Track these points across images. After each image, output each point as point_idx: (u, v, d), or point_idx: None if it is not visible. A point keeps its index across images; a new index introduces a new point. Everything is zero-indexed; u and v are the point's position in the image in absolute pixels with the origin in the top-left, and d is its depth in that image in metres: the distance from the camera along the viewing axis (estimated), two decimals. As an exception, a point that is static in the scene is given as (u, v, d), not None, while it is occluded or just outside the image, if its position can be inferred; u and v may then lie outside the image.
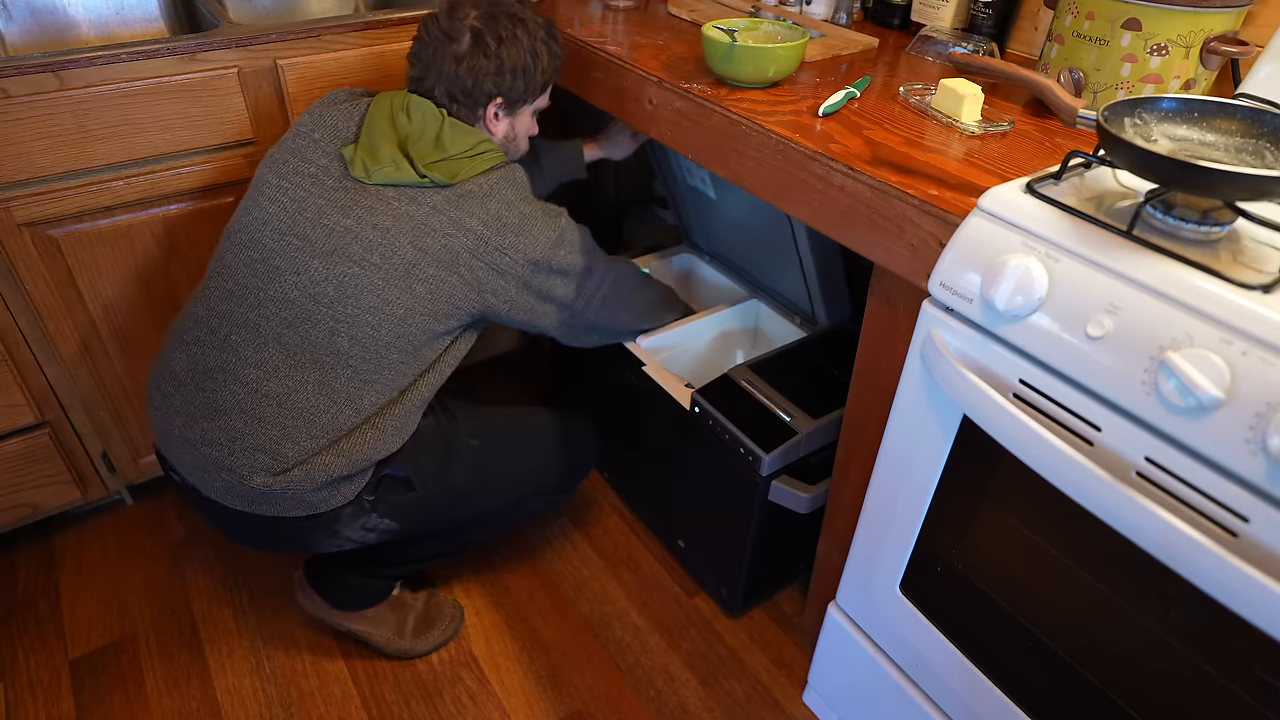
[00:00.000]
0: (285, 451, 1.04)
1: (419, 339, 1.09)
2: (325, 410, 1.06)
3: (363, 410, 1.08)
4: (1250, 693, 0.70)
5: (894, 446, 0.96)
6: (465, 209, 1.08)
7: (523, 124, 1.22)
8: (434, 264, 1.07)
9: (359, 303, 1.05)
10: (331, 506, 1.09)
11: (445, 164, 1.08)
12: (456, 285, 1.09)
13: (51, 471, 1.41)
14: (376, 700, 1.30)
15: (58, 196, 1.20)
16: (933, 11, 1.29)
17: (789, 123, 1.01)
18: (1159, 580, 0.72)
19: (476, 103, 1.13)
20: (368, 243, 1.05)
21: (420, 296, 1.07)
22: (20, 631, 1.39)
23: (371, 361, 1.07)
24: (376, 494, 1.13)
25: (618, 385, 1.47)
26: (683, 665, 1.37)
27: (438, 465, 1.17)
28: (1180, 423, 0.66)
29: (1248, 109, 0.76)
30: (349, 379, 1.07)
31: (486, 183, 1.10)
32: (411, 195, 1.07)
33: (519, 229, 1.11)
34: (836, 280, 1.40)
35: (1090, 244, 0.72)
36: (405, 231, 1.06)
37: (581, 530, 1.60)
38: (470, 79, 1.11)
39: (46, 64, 1.12)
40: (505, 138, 1.20)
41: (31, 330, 1.28)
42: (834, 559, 1.20)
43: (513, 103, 1.16)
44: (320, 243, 1.05)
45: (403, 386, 1.12)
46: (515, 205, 1.11)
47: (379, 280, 1.05)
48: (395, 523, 1.17)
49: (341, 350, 1.06)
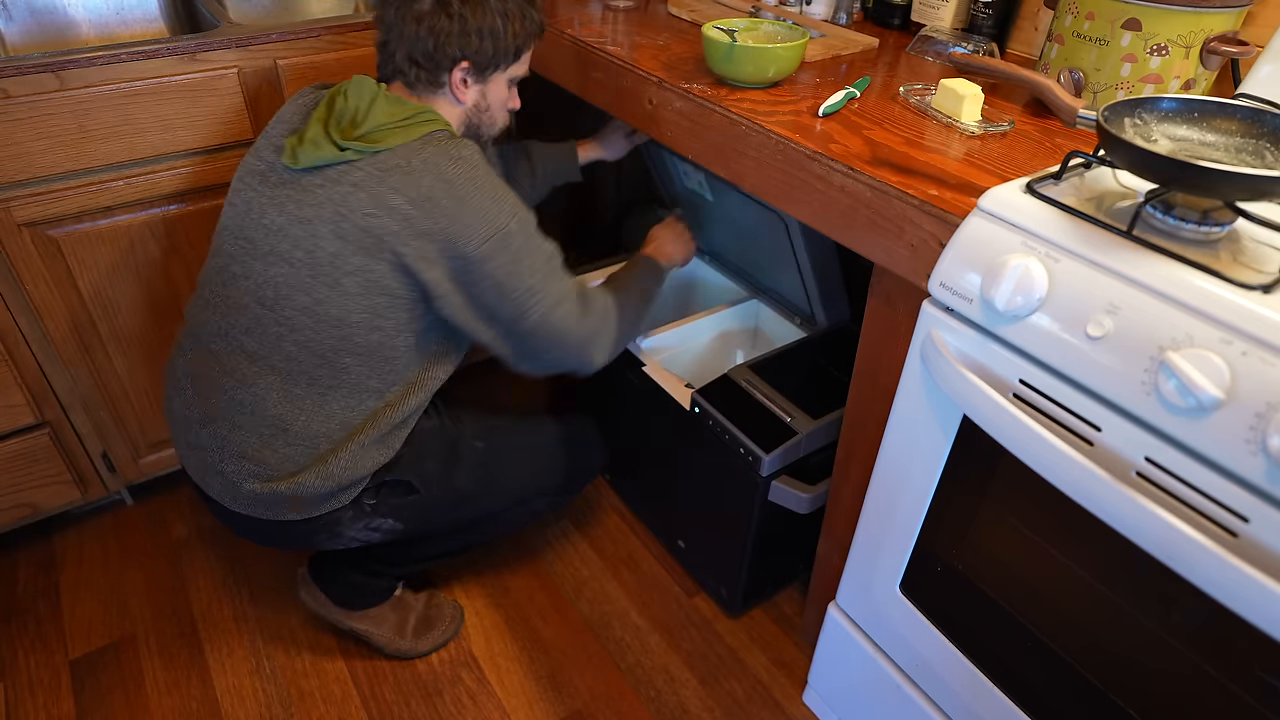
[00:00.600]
0: (267, 459, 1.05)
1: (372, 343, 1.03)
2: (294, 418, 1.05)
3: (334, 417, 1.06)
4: (1250, 693, 0.70)
5: (894, 446, 0.96)
6: (389, 184, 0.96)
7: (496, 93, 1.11)
8: (356, 251, 0.98)
9: (294, 304, 1.01)
10: (327, 511, 1.09)
11: (370, 134, 0.99)
12: (386, 275, 0.99)
13: (51, 471, 1.41)
14: (376, 700, 1.30)
15: (58, 196, 1.20)
16: (933, 11, 1.29)
17: (789, 123, 1.01)
18: (1159, 580, 0.72)
19: (440, 67, 1.03)
20: (294, 239, 0.99)
21: (350, 293, 1.00)
22: (20, 631, 1.39)
23: (324, 367, 1.04)
24: (378, 498, 1.13)
25: (618, 385, 1.47)
26: (683, 665, 1.37)
27: (442, 468, 1.17)
28: (1180, 423, 0.66)
29: (1248, 109, 0.76)
30: (307, 385, 1.04)
31: (418, 154, 0.98)
32: (334, 175, 0.98)
33: (453, 215, 0.98)
34: (834, 282, 1.40)
35: (1090, 244, 0.72)
36: (326, 219, 0.98)
37: (581, 531, 1.60)
38: (431, 40, 1.01)
39: (46, 64, 1.12)
40: (475, 107, 1.10)
41: (31, 330, 1.28)
42: (834, 559, 1.20)
43: (482, 67, 1.06)
44: (260, 243, 1.02)
45: (380, 396, 1.08)
46: (453, 185, 0.98)
47: (308, 278, 1.00)
48: (399, 523, 1.17)
49: (292, 356, 1.03)
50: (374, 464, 1.09)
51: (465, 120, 1.11)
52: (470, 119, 1.12)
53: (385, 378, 1.07)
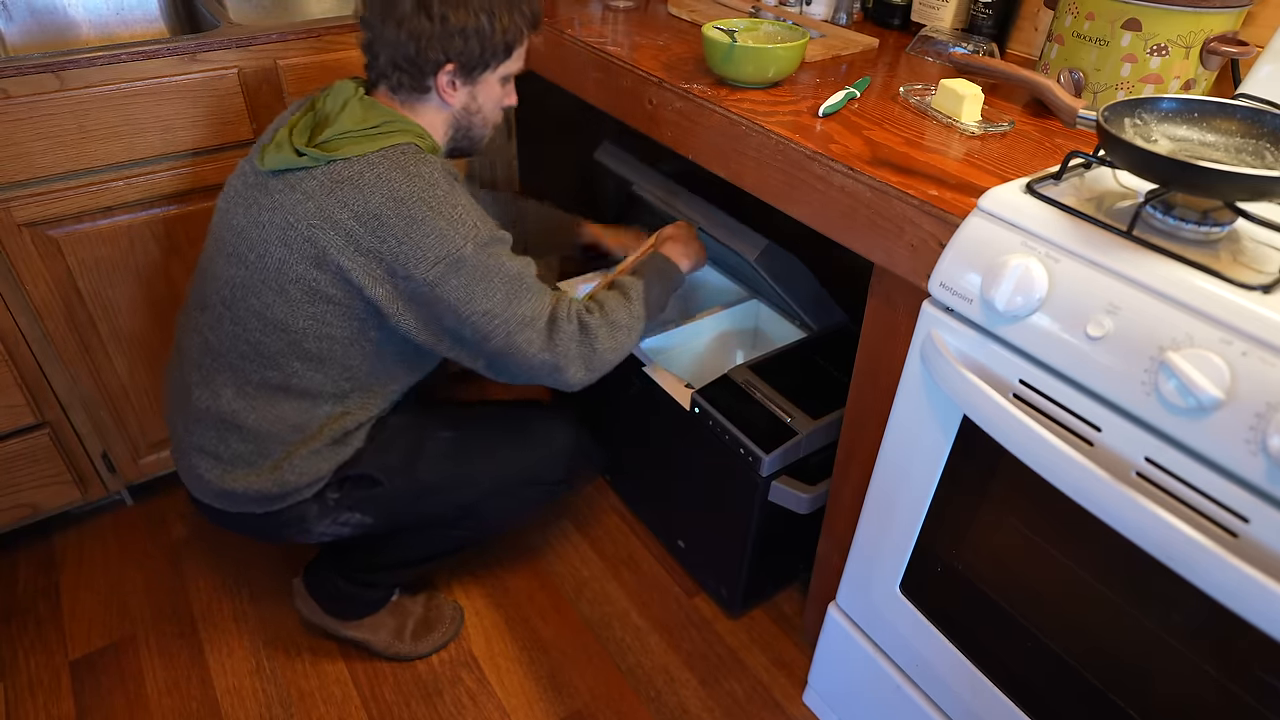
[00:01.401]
0: (222, 454, 1.07)
1: (322, 351, 1.02)
2: (246, 416, 1.05)
3: (286, 419, 1.06)
4: (1250, 693, 0.70)
5: (894, 447, 0.96)
6: (337, 197, 0.95)
7: (488, 93, 1.07)
8: (300, 260, 0.97)
9: (246, 305, 1.01)
10: (288, 505, 1.09)
11: (330, 142, 0.96)
12: (331, 286, 0.98)
13: (51, 472, 1.41)
14: (376, 700, 1.30)
15: (58, 197, 1.20)
16: (933, 12, 1.29)
17: (789, 123, 1.01)
18: (1159, 581, 0.72)
19: (423, 71, 1.00)
20: (250, 241, 0.99)
21: (295, 300, 0.99)
22: (20, 632, 1.39)
23: (274, 370, 1.03)
24: (341, 492, 1.12)
25: (618, 385, 1.47)
26: (683, 665, 1.37)
27: (404, 460, 1.15)
28: (1180, 423, 0.66)
29: (1248, 109, 0.76)
30: (259, 386, 1.05)
31: (371, 168, 0.95)
32: (292, 181, 0.97)
33: (402, 234, 0.94)
34: (818, 295, 1.40)
35: (1090, 244, 0.72)
36: (276, 225, 0.97)
37: (581, 531, 1.60)
38: (413, 45, 0.97)
39: (47, 64, 1.12)
40: (465, 109, 1.06)
41: (31, 330, 1.28)
42: (834, 559, 1.20)
43: (469, 68, 1.02)
44: (226, 243, 1.03)
45: (338, 402, 1.07)
46: (404, 204, 0.94)
47: (258, 281, 0.99)
48: (367, 516, 1.16)
49: (245, 355, 1.04)
50: (330, 465, 1.09)
51: (454, 123, 1.08)
52: (459, 121, 1.08)
53: (341, 385, 1.07)
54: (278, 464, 1.06)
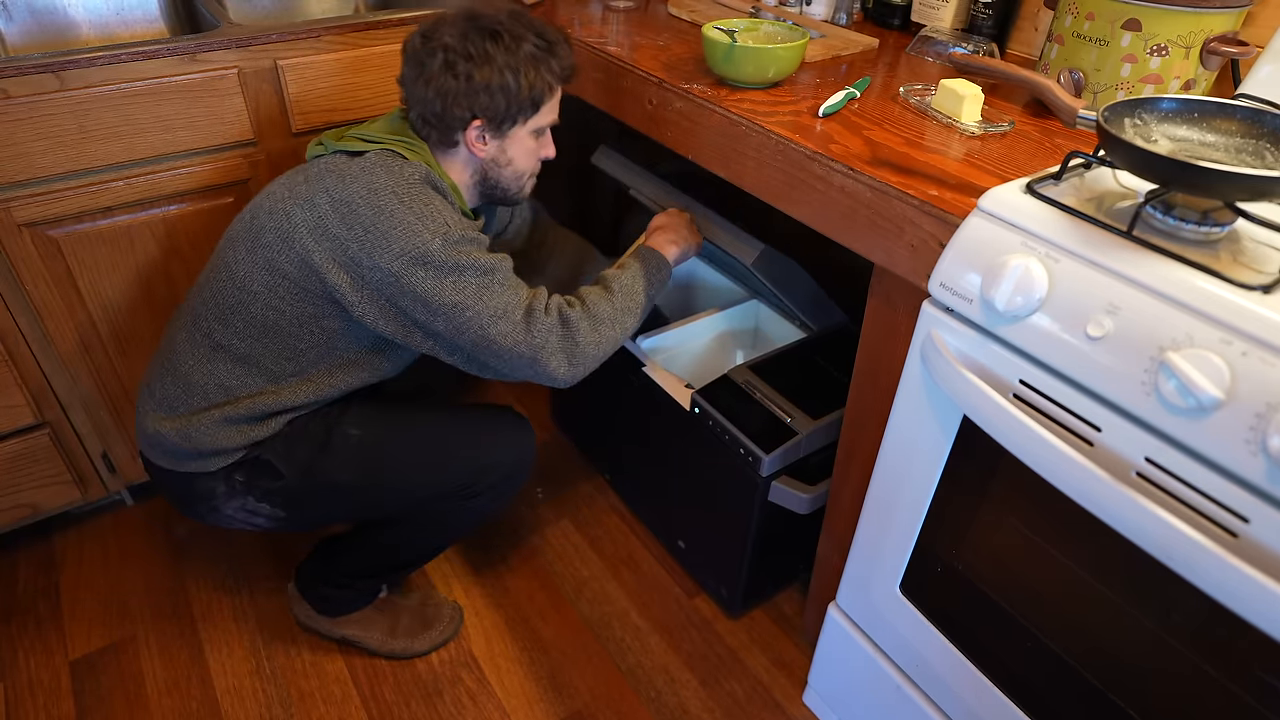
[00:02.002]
0: (155, 391, 1.11)
1: (268, 321, 1.04)
2: (183, 361, 1.09)
3: (215, 376, 1.07)
4: (1250, 693, 0.70)
5: (894, 447, 0.96)
6: (323, 184, 1.01)
7: (519, 146, 1.09)
8: (273, 232, 1.02)
9: (222, 257, 1.08)
10: (192, 471, 1.10)
11: (349, 139, 1.05)
12: (292, 264, 1.01)
13: (51, 472, 1.41)
14: (376, 700, 1.30)
15: (58, 197, 1.20)
16: (933, 12, 1.29)
17: (789, 123, 1.01)
18: (1159, 581, 0.72)
19: (450, 127, 1.04)
20: (255, 204, 1.07)
21: (258, 264, 1.03)
22: (20, 632, 1.39)
23: (219, 323, 1.07)
24: (247, 476, 1.11)
25: (618, 386, 1.47)
26: (683, 666, 1.37)
27: (312, 455, 1.11)
28: (1180, 423, 0.66)
29: (1247, 109, 0.76)
30: (204, 336, 1.08)
31: (359, 162, 1.01)
32: (306, 165, 1.06)
33: (369, 224, 0.97)
34: (819, 300, 1.40)
35: (1090, 244, 0.72)
36: (275, 195, 1.05)
37: (581, 531, 1.60)
38: (439, 102, 1.01)
39: (47, 64, 1.12)
40: (494, 161, 1.09)
41: (31, 330, 1.28)
42: (834, 559, 1.20)
43: (497, 122, 1.05)
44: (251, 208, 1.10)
45: (272, 379, 1.08)
46: (376, 194, 0.98)
47: (240, 235, 1.06)
48: (278, 509, 1.13)
49: (204, 301, 1.09)
50: (240, 442, 1.08)
51: (482, 173, 1.11)
52: (488, 172, 1.11)
53: (281, 364, 1.08)
54: (190, 417, 1.07)
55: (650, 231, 1.29)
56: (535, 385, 1.92)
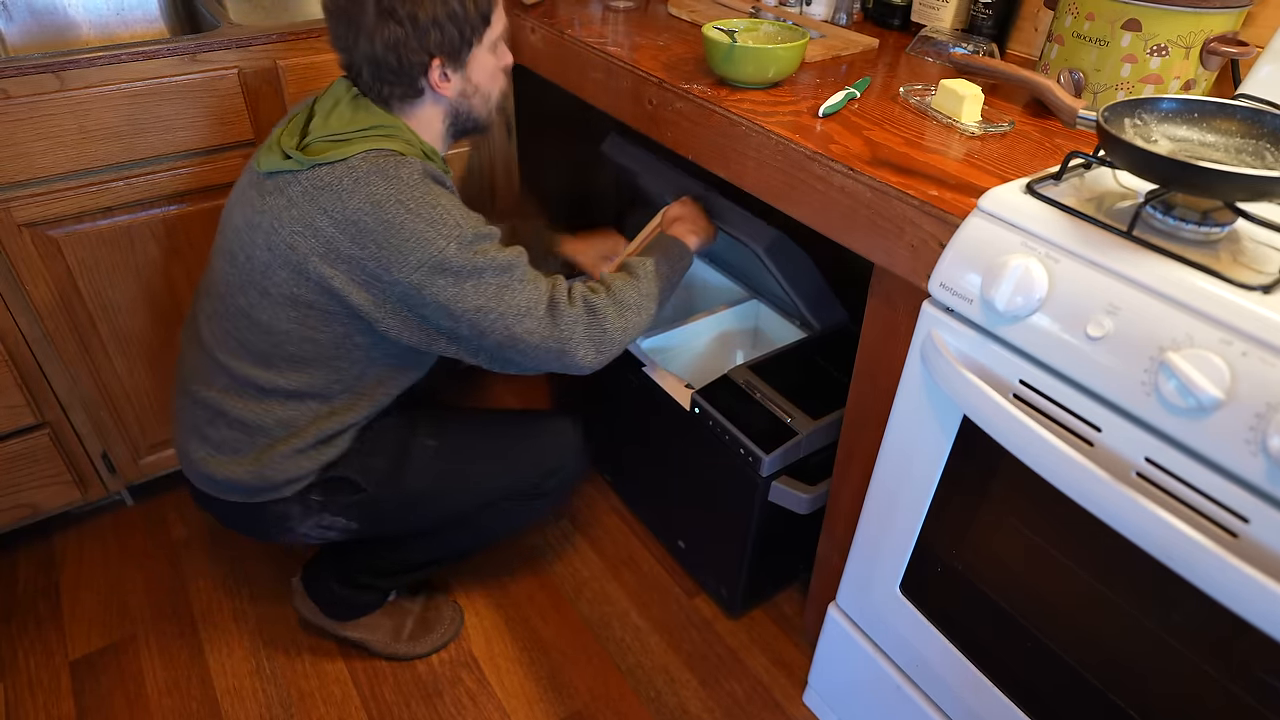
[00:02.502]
0: (210, 436, 1.09)
1: (306, 354, 1.02)
2: (233, 405, 1.06)
3: (272, 413, 1.05)
4: (1251, 694, 0.70)
5: (894, 447, 0.96)
6: (318, 204, 0.93)
7: (481, 70, 1.03)
8: (283, 266, 0.96)
9: (234, 303, 1.02)
10: (269, 500, 1.10)
11: (316, 145, 0.95)
12: (312, 292, 0.97)
13: (51, 472, 1.41)
14: (376, 701, 1.30)
15: (58, 197, 1.20)
16: (933, 12, 1.29)
17: (789, 123, 1.01)
18: (1159, 581, 0.72)
19: (411, 76, 0.97)
20: (241, 242, 1.00)
21: (278, 303, 0.98)
22: (20, 632, 1.39)
23: (260, 368, 1.03)
24: (325, 495, 1.12)
25: (618, 386, 1.47)
26: (683, 666, 1.37)
27: (390, 466, 1.14)
28: (1180, 423, 0.66)
29: (1247, 109, 0.76)
30: (245, 383, 1.05)
31: (351, 173, 0.93)
32: (280, 184, 0.96)
33: (381, 240, 0.93)
34: (821, 293, 1.40)
35: (1090, 244, 0.72)
36: (263, 229, 0.97)
37: (581, 531, 1.60)
38: (392, 55, 0.94)
39: (47, 64, 1.12)
40: (462, 94, 1.03)
41: (31, 330, 1.28)
42: (834, 559, 1.20)
43: (455, 53, 0.98)
44: (227, 240, 1.04)
45: (325, 402, 1.07)
46: (382, 207, 0.92)
47: (245, 281, 1.00)
48: (353, 522, 1.15)
49: (234, 352, 1.05)
50: (314, 465, 1.09)
51: (454, 110, 1.05)
52: (458, 109, 1.05)
53: (330, 386, 1.06)
54: (259, 456, 1.07)
55: (669, 222, 1.29)
56: (536, 387, 1.93)
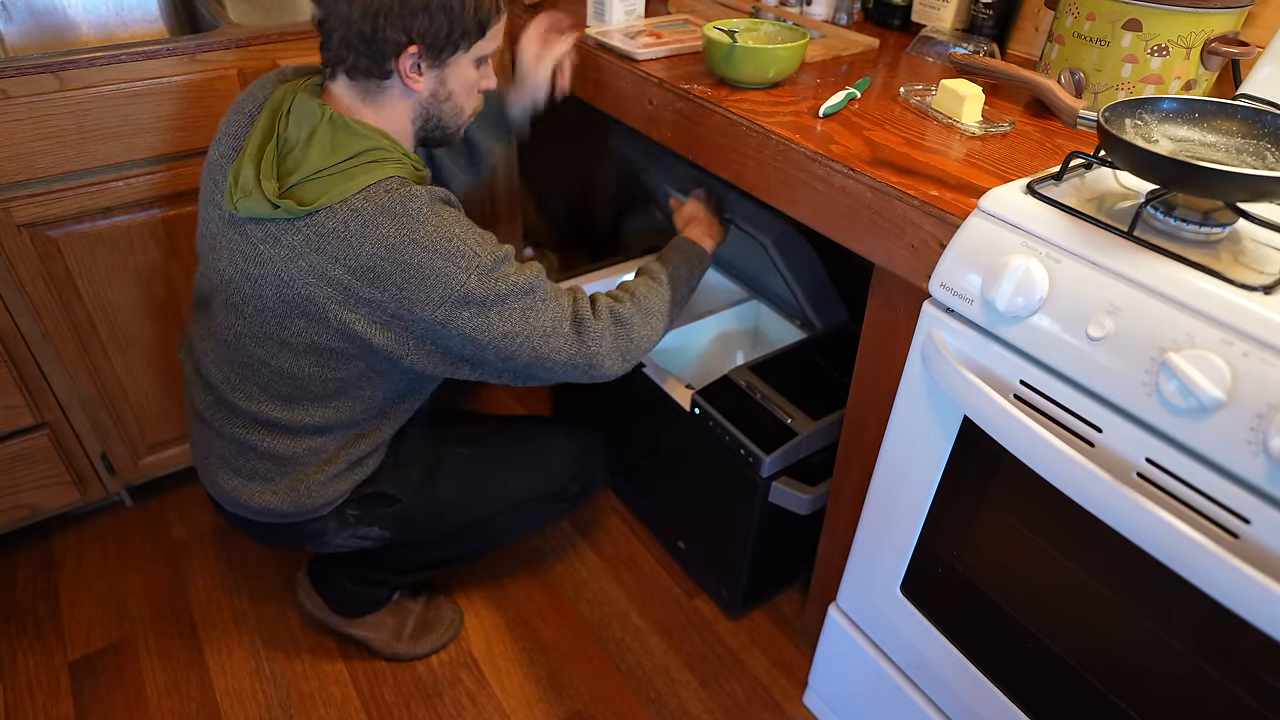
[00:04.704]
0: (241, 466, 1.07)
1: (330, 391, 1.01)
2: (259, 441, 1.05)
3: (301, 443, 1.05)
4: (1252, 694, 0.69)
5: (894, 447, 0.96)
6: (326, 253, 0.87)
7: (460, 78, 0.96)
8: (301, 317, 0.92)
9: (249, 353, 0.99)
10: (306, 520, 1.10)
11: (304, 186, 0.87)
12: (335, 338, 0.94)
13: (51, 472, 1.41)
14: (376, 702, 1.30)
15: (57, 197, 1.20)
16: (933, 12, 1.29)
17: (789, 123, 1.01)
18: (1160, 581, 0.72)
19: (382, 54, 0.88)
20: (244, 294, 0.94)
21: (299, 351, 0.95)
22: (19, 633, 1.38)
23: (283, 410, 1.02)
24: (361, 509, 1.13)
25: (618, 386, 1.47)
26: (683, 667, 1.37)
27: (425, 476, 1.16)
28: (1181, 424, 0.66)
29: (1248, 110, 0.76)
30: (269, 420, 1.04)
31: (357, 217, 0.87)
32: (274, 233, 0.89)
33: (401, 281, 0.88)
34: (825, 290, 1.40)
35: (1091, 245, 0.72)
36: (269, 280, 0.91)
37: (581, 532, 1.60)
38: (369, 22, 0.85)
39: (46, 64, 1.12)
40: (433, 96, 0.95)
41: (31, 331, 1.28)
42: (834, 560, 1.20)
43: (436, 49, 0.90)
44: (219, 288, 0.98)
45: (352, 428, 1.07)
46: (397, 250, 0.87)
47: (259, 333, 0.96)
48: (387, 530, 1.17)
49: (254, 396, 1.03)
50: (348, 486, 1.10)
51: (421, 112, 0.97)
52: (428, 110, 0.97)
53: (355, 414, 1.06)
54: (294, 484, 1.06)
55: (683, 223, 1.28)
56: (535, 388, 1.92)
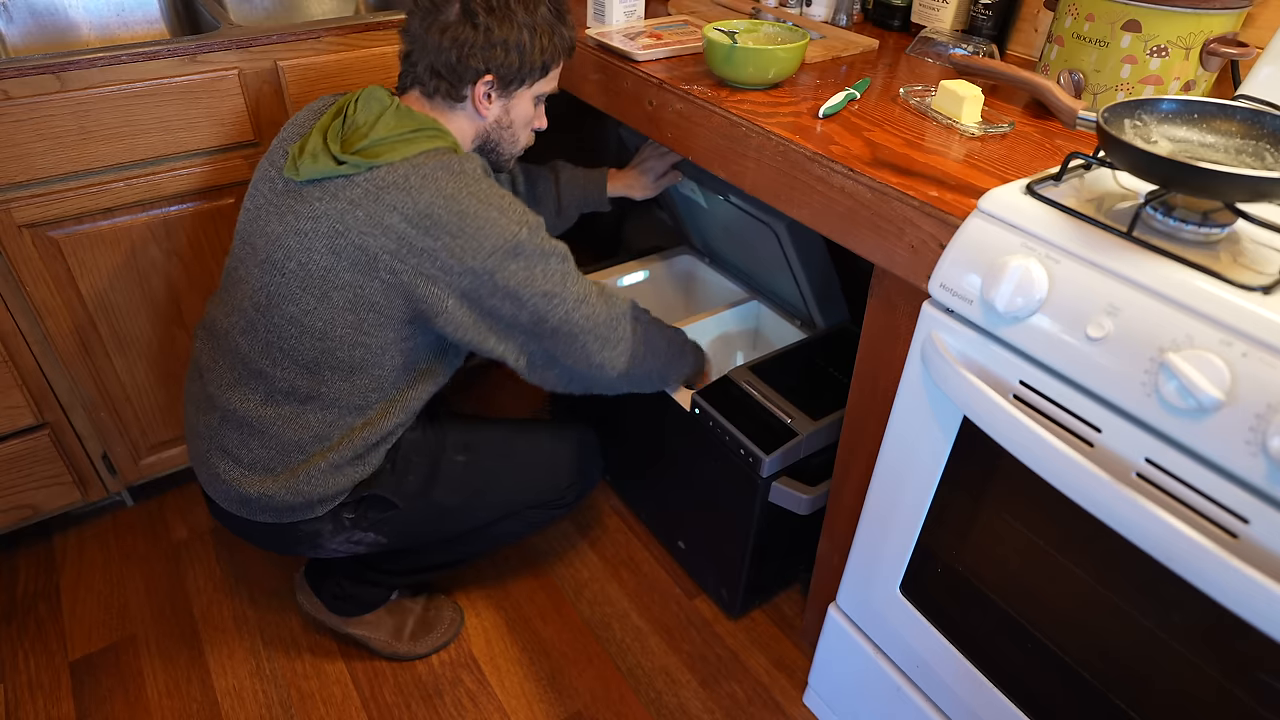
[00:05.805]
0: (243, 457, 1.07)
1: (355, 359, 1.03)
2: (270, 422, 1.05)
3: (309, 428, 1.06)
4: (1252, 694, 0.70)
5: (894, 448, 0.96)
6: (385, 202, 0.95)
7: (521, 109, 1.09)
8: (349, 268, 0.97)
9: (282, 313, 1.01)
10: (300, 520, 1.10)
11: (369, 148, 0.97)
12: (379, 292, 0.98)
13: (52, 473, 1.41)
14: (377, 702, 1.30)
15: (58, 198, 1.20)
16: (933, 13, 1.29)
17: (789, 124, 1.01)
18: (1159, 582, 0.72)
19: (462, 79, 1.02)
20: (288, 249, 0.99)
21: (337, 307, 0.99)
22: (20, 633, 1.39)
23: (305, 378, 1.03)
24: (357, 513, 1.13)
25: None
26: (683, 667, 1.37)
27: (422, 483, 1.16)
28: (1180, 424, 0.66)
29: (1247, 110, 0.76)
30: (287, 393, 1.05)
31: (417, 171, 0.96)
32: (332, 190, 0.97)
33: (456, 229, 0.96)
34: (831, 286, 1.40)
35: (1090, 245, 0.72)
36: (322, 234, 0.97)
37: (582, 532, 1.60)
38: (455, 52, 0.99)
39: (47, 65, 1.12)
40: (497, 123, 1.09)
41: (32, 331, 1.28)
42: (834, 560, 1.20)
43: (507, 81, 1.04)
44: (261, 250, 1.02)
45: (360, 413, 1.07)
46: (455, 199, 0.96)
47: (297, 289, 0.99)
48: (382, 537, 1.17)
49: (277, 362, 1.04)
50: (349, 481, 1.09)
51: (484, 135, 1.10)
52: (490, 135, 1.10)
53: (367, 395, 1.07)
54: (295, 472, 1.06)
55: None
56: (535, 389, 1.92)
